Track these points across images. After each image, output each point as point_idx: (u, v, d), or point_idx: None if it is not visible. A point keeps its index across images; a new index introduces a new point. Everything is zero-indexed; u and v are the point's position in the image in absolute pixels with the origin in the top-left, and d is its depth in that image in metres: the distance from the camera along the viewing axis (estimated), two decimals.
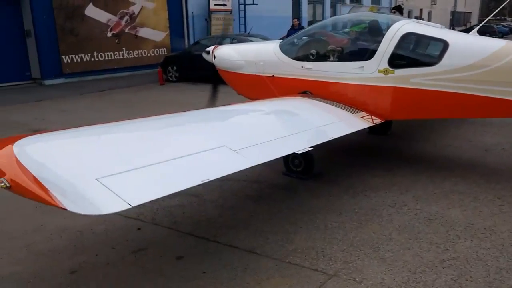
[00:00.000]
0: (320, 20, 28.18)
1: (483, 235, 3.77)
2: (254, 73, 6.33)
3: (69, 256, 3.61)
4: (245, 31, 19.44)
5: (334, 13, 29.83)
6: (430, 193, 4.71)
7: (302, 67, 5.78)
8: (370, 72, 5.26)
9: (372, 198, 4.64)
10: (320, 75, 5.63)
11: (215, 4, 19.04)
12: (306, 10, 26.45)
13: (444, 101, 4.96)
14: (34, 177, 2.46)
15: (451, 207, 4.36)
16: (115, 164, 2.82)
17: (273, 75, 6.11)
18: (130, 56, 16.90)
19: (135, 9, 16.95)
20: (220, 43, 8.97)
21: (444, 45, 4.93)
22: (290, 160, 5.31)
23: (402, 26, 5.19)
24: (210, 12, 18.85)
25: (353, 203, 4.52)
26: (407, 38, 5.17)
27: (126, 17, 16.68)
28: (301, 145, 3.95)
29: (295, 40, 6.07)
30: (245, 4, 20.99)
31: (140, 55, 17.21)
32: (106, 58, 16.17)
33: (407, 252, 3.53)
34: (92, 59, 15.75)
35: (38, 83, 14.69)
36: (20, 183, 2.43)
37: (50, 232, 4.01)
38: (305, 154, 5.13)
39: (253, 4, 20.91)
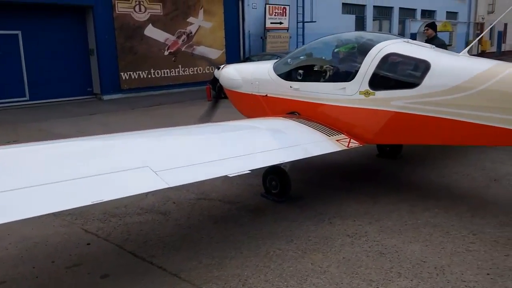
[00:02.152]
0: None
1: (428, 275, 3.43)
2: (250, 92, 6.33)
3: (9, 267, 3.82)
4: None
5: (403, 30, 28.89)
6: (401, 224, 4.38)
7: (290, 87, 5.68)
8: (351, 93, 5.03)
9: (335, 226, 4.41)
10: (306, 95, 5.49)
11: (271, 23, 19.25)
12: (371, 27, 25.82)
13: (426, 126, 4.61)
14: None
15: (413, 241, 4.01)
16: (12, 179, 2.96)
17: (266, 95, 6.06)
18: (186, 73, 17.58)
19: (192, 28, 17.65)
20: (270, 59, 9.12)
21: (426, 66, 4.59)
22: (268, 181, 5.22)
23: (385, 47, 4.92)
24: (266, 30, 19.09)
25: (312, 230, 4.32)
26: (389, 58, 4.88)
27: (184, 36, 17.41)
28: (240, 168, 3.86)
29: (288, 60, 5.98)
30: (303, 22, 21.01)
31: (195, 72, 17.84)
32: (162, 75, 16.96)
33: None
34: (149, 76, 16.61)
35: (98, 98, 15.77)
36: None
37: (10, 242, 4.27)
38: (282, 176, 5.07)
39: (312, 22, 20.86)
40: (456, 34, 32.62)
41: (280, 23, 19.70)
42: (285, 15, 19.85)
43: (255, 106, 6.26)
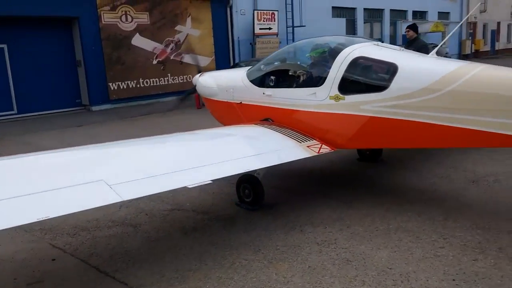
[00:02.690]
0: (378, 40, 27.48)
1: (392, 283, 3.36)
2: (226, 100, 6.28)
3: None
4: None
5: (394, 32, 28.90)
6: (372, 230, 4.31)
7: (263, 93, 5.63)
8: (322, 98, 4.98)
9: (306, 233, 4.34)
10: (279, 101, 5.44)
11: (260, 29, 19.25)
12: (362, 30, 25.84)
13: (396, 130, 4.55)
14: None
15: (382, 247, 3.94)
16: None
17: (241, 102, 6.01)
18: (175, 82, 17.52)
19: (180, 37, 17.62)
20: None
21: (393, 69, 4.54)
22: (241, 189, 5.15)
23: (353, 50, 4.87)
24: (255, 36, 19.07)
25: (281, 239, 4.25)
26: (357, 62, 4.83)
27: (172, 45, 17.38)
28: (203, 178, 3.79)
29: (261, 66, 5.93)
30: (293, 27, 21.01)
31: (185, 80, 17.76)
32: (151, 84, 16.92)
33: None
34: (138, 85, 16.56)
35: (87, 109, 15.71)
36: None
37: None
38: (254, 184, 5.01)
39: (301, 26, 20.86)
40: (448, 34, 32.58)
41: (269, 28, 19.70)
42: (274, 20, 19.86)
43: (231, 113, 6.21)
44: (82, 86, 15.72)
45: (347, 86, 4.82)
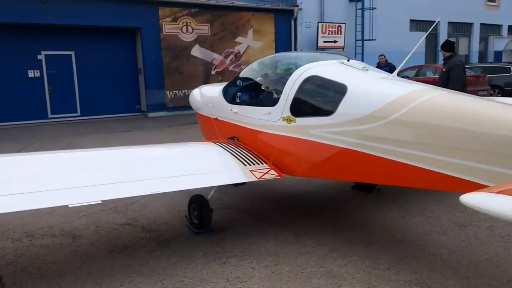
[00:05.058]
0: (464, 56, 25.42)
1: None
2: (207, 115, 6.06)
3: None
4: None
5: (485, 48, 26.57)
6: (296, 272, 3.80)
7: (231, 110, 5.32)
8: (275, 119, 4.56)
9: (226, 266, 3.95)
10: (242, 120, 5.09)
11: (324, 41, 18.73)
12: None
13: (342, 161, 3.99)
14: None
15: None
16: None
17: (216, 118, 5.75)
18: None
19: (241, 48, 17.74)
20: None
21: (343, 91, 3.99)
22: (191, 209, 4.89)
23: (307, 69, 4.39)
24: (318, 49, 18.58)
25: (196, 270, 3.91)
26: (310, 82, 4.34)
27: (231, 56, 17.55)
28: (92, 198, 3.58)
29: (236, 81, 5.62)
30: (362, 40, 20.17)
31: None
32: None
33: None
34: None
35: (145, 115, 16.37)
36: None
37: None
38: (201, 205, 4.74)
39: (371, 40, 19.95)
40: None
41: (335, 41, 19.10)
42: (340, 33, 19.22)
43: (210, 129, 5.98)
44: (142, 93, 16.42)
45: (298, 107, 4.36)
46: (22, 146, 10.51)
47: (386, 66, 13.06)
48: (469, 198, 2.04)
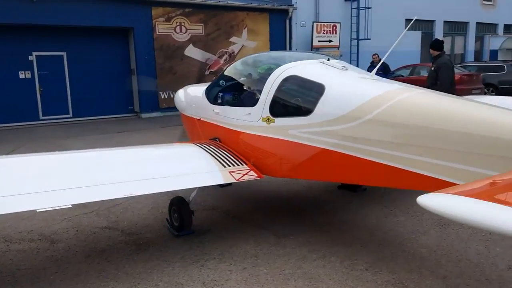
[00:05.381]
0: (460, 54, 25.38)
1: None
2: (191, 115, 5.98)
3: None
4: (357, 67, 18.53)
5: (480, 47, 26.50)
6: (274, 274, 3.74)
7: (213, 111, 5.25)
8: (255, 120, 4.49)
9: (203, 269, 3.89)
10: (223, 120, 5.02)
11: (319, 41, 18.65)
12: None
13: (321, 161, 3.93)
14: None
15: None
16: None
17: (199, 118, 5.68)
18: None
19: (235, 48, 17.64)
20: None
21: (320, 91, 3.93)
22: (171, 212, 4.82)
23: (287, 69, 4.33)
24: (313, 49, 18.51)
25: (173, 274, 3.85)
26: (288, 82, 4.29)
27: (225, 56, 17.47)
28: (65, 201, 3.51)
29: (219, 82, 5.55)
30: (358, 40, 20.10)
31: None
32: None
33: None
34: None
35: (138, 116, 16.29)
36: None
37: None
38: (181, 208, 4.68)
39: (366, 39, 19.87)
40: None
41: (330, 41, 19.03)
42: (335, 33, 19.14)
43: (193, 129, 5.91)
44: (135, 94, 16.34)
45: (277, 107, 4.30)
46: (11, 148, 10.42)
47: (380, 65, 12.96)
48: (423, 200, 1.98)
